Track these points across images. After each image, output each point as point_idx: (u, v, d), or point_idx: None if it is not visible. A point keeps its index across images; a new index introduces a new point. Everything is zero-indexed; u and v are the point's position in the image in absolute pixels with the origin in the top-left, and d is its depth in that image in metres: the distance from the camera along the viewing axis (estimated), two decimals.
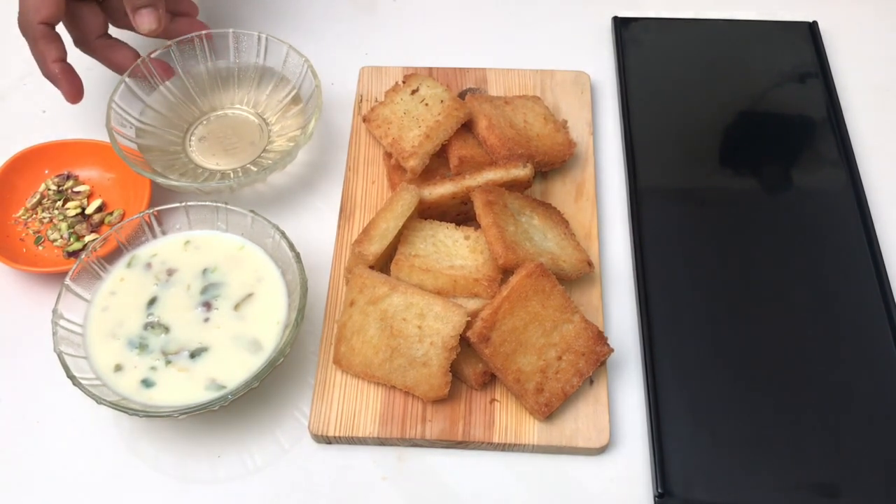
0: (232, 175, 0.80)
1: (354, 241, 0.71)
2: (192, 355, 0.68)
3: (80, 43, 0.82)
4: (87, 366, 0.67)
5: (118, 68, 0.82)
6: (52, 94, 0.92)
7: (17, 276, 0.78)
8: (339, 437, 0.67)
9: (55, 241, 0.79)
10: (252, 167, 0.81)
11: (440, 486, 0.67)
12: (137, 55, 0.82)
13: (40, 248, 0.79)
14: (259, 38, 0.85)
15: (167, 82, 0.84)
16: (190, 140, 0.84)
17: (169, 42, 0.83)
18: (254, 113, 0.86)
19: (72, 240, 0.79)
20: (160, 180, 0.75)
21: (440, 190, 0.72)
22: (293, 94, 0.84)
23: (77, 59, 0.95)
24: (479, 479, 0.67)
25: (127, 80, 0.81)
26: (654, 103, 0.87)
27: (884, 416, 0.67)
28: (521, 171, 0.73)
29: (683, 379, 0.69)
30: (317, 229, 0.80)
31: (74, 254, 0.78)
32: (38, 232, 0.80)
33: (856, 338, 0.71)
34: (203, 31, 0.84)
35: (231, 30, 0.84)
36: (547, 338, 0.66)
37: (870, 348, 0.70)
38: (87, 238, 0.79)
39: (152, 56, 0.82)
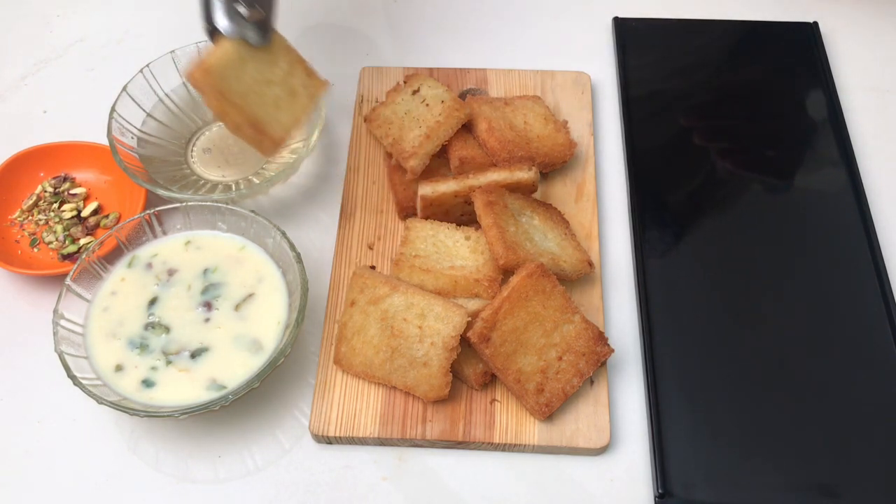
0: (234, 187, 0.80)
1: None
2: (193, 355, 0.68)
3: None
4: (88, 366, 0.67)
5: None
6: (53, 95, 0.92)
7: (12, 278, 0.78)
8: (340, 438, 0.67)
9: (50, 243, 0.79)
10: (254, 179, 0.81)
11: (440, 486, 0.67)
12: None
13: (35, 250, 0.79)
14: None
15: (169, 91, 0.84)
16: (192, 151, 0.84)
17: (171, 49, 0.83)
18: None
19: (67, 242, 0.79)
20: (161, 192, 0.75)
21: (443, 188, 0.72)
22: None
23: (78, 59, 0.95)
24: (479, 479, 0.67)
25: (128, 88, 0.81)
26: (654, 103, 0.87)
27: (884, 417, 0.67)
28: (524, 175, 0.73)
29: (684, 379, 0.69)
30: (317, 229, 0.80)
31: (69, 256, 0.78)
32: (34, 234, 0.80)
33: (856, 338, 0.71)
34: (204, 41, 0.83)
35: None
36: (547, 338, 0.66)
37: (870, 348, 0.70)
38: (83, 241, 0.79)
39: (150, 64, 0.82)
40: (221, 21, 0.64)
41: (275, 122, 0.67)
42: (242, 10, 0.65)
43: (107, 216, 0.81)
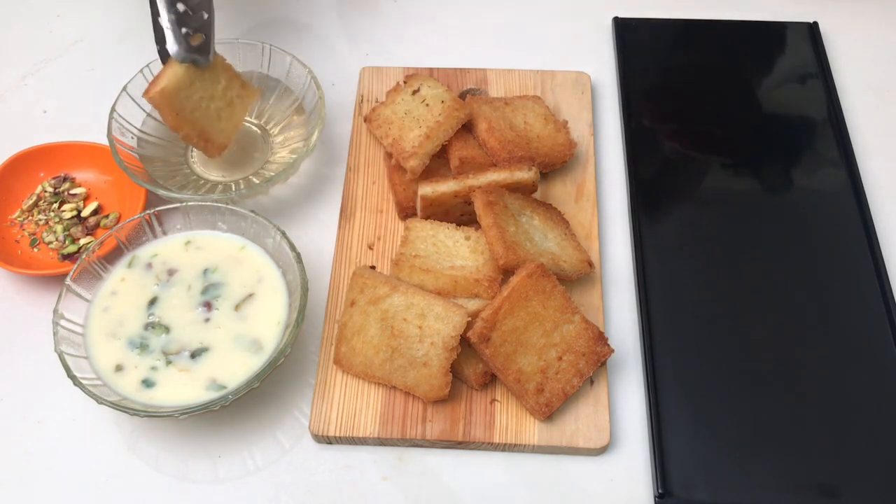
0: (234, 187, 0.80)
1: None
2: (193, 355, 0.68)
3: None
4: (88, 366, 0.67)
5: None
6: (53, 95, 0.92)
7: (12, 278, 0.78)
8: (340, 438, 0.67)
9: (50, 243, 0.79)
10: (254, 179, 0.81)
11: (440, 486, 0.67)
12: None
13: (35, 250, 0.79)
14: (263, 49, 0.84)
15: None
16: (192, 151, 0.84)
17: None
18: (256, 123, 0.86)
19: (67, 242, 0.79)
20: (161, 192, 0.75)
21: (443, 188, 0.72)
22: (296, 104, 0.84)
23: (78, 59, 0.95)
24: (479, 479, 0.67)
25: (128, 88, 0.81)
26: (654, 103, 0.87)
27: (884, 416, 0.67)
28: (525, 175, 0.73)
29: (683, 379, 0.69)
30: (317, 229, 0.80)
31: (69, 256, 0.78)
32: (34, 234, 0.80)
33: (856, 338, 0.71)
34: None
35: (236, 39, 0.84)
36: (547, 338, 0.66)
37: (870, 348, 0.70)
38: (83, 241, 0.79)
39: (150, 64, 0.82)
40: (173, 47, 0.73)
41: (218, 131, 0.78)
42: (187, 33, 0.73)
43: (107, 216, 0.81)
